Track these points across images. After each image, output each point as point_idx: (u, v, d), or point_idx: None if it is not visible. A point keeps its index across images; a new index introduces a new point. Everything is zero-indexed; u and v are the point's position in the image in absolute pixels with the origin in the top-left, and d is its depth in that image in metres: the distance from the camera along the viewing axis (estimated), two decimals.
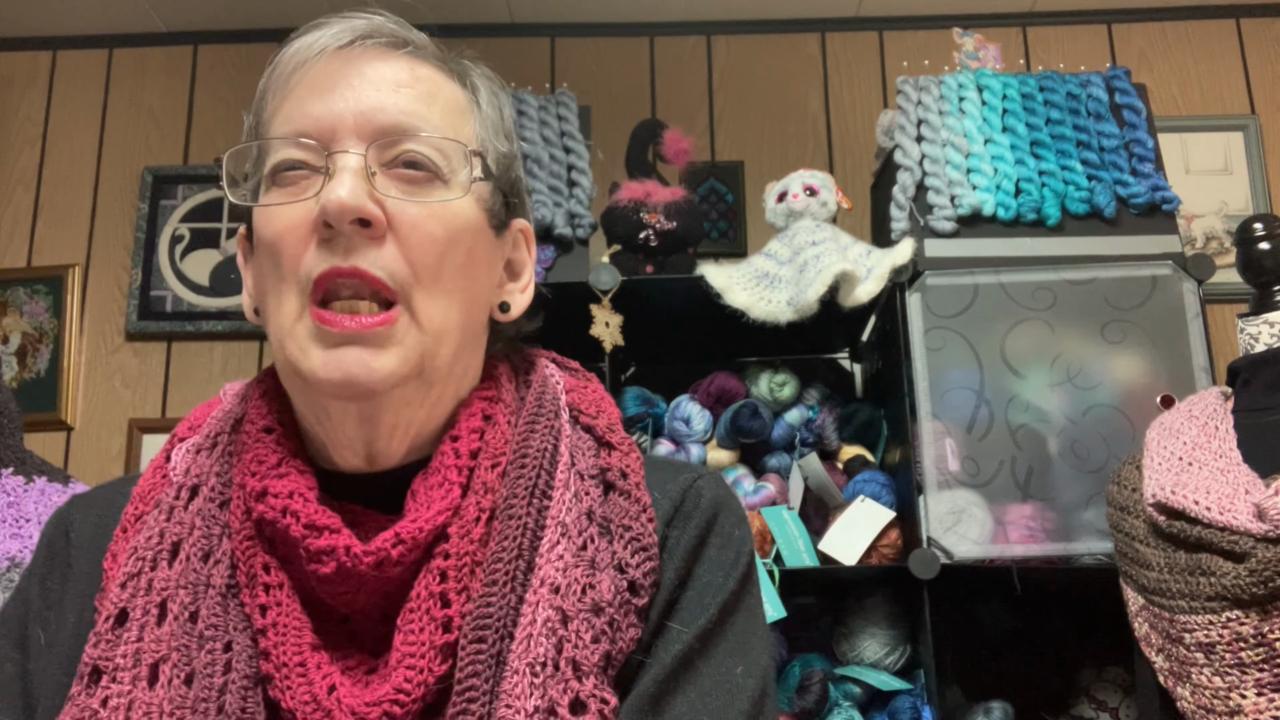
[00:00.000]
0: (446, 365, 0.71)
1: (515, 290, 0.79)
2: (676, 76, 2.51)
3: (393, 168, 0.69)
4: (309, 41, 0.72)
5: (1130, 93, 1.93)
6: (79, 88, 2.53)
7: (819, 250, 1.77)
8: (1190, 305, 1.73)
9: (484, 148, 0.75)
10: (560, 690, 0.62)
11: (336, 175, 0.67)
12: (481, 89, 0.77)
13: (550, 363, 0.83)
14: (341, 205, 0.65)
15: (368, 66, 0.71)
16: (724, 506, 0.75)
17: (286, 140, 0.70)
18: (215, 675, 0.65)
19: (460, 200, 0.71)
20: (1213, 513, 1.09)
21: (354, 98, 0.69)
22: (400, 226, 0.68)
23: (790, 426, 1.91)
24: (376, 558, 0.65)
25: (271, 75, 0.74)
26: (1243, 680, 1.06)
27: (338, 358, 0.66)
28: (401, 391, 0.69)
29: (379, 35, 0.73)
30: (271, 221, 0.69)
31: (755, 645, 0.71)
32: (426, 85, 0.72)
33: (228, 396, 0.80)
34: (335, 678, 0.65)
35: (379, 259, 0.67)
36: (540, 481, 0.70)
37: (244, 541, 0.68)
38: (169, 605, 0.67)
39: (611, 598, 0.66)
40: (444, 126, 0.71)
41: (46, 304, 2.40)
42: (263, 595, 0.67)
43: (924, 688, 1.71)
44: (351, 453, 0.72)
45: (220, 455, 0.74)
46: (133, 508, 0.73)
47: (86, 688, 0.65)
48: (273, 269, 0.69)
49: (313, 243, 0.67)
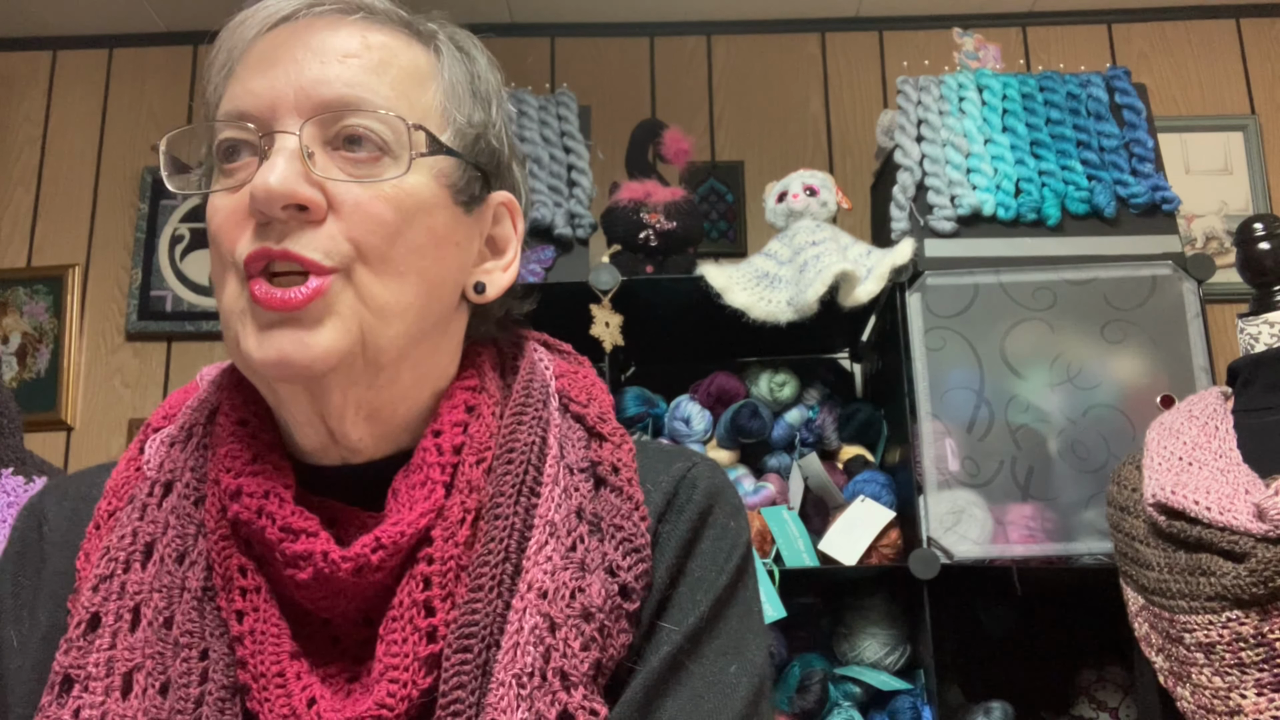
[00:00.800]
0: (397, 347, 0.66)
1: (496, 269, 0.74)
2: (676, 76, 2.51)
3: (335, 146, 0.64)
4: (253, 13, 0.68)
5: (1130, 93, 1.93)
6: (79, 88, 2.53)
7: (819, 250, 1.77)
8: (1190, 305, 1.73)
9: (445, 118, 0.69)
10: (548, 703, 0.60)
11: (270, 158, 0.62)
12: (445, 52, 0.71)
13: (540, 346, 0.79)
14: (268, 191, 0.61)
15: (314, 37, 0.66)
16: (719, 497, 0.71)
17: (228, 122, 0.65)
18: (191, 685, 0.62)
19: (410, 178, 0.65)
20: (1213, 513, 1.09)
21: (296, 72, 0.64)
22: (342, 207, 0.63)
23: (790, 426, 1.91)
24: (356, 564, 0.62)
25: (217, 52, 0.69)
26: (1243, 680, 1.06)
27: (272, 339, 0.62)
28: (346, 370, 0.64)
29: (328, 2, 0.68)
30: (215, 212, 0.65)
31: (750, 642, 0.68)
32: (378, 53, 0.67)
33: (204, 382, 0.77)
34: (315, 689, 0.62)
35: (313, 240, 0.62)
36: (528, 478, 0.67)
37: (220, 541, 0.65)
38: (142, 610, 0.64)
39: (602, 603, 0.64)
40: (394, 98, 0.66)
41: (46, 304, 2.40)
42: (239, 600, 0.64)
43: (924, 688, 1.71)
44: (313, 430, 0.68)
45: (195, 449, 0.71)
46: (106, 503, 0.70)
47: (58, 698, 0.62)
48: (216, 257, 0.66)
49: (250, 227, 0.63)
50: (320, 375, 0.63)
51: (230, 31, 0.69)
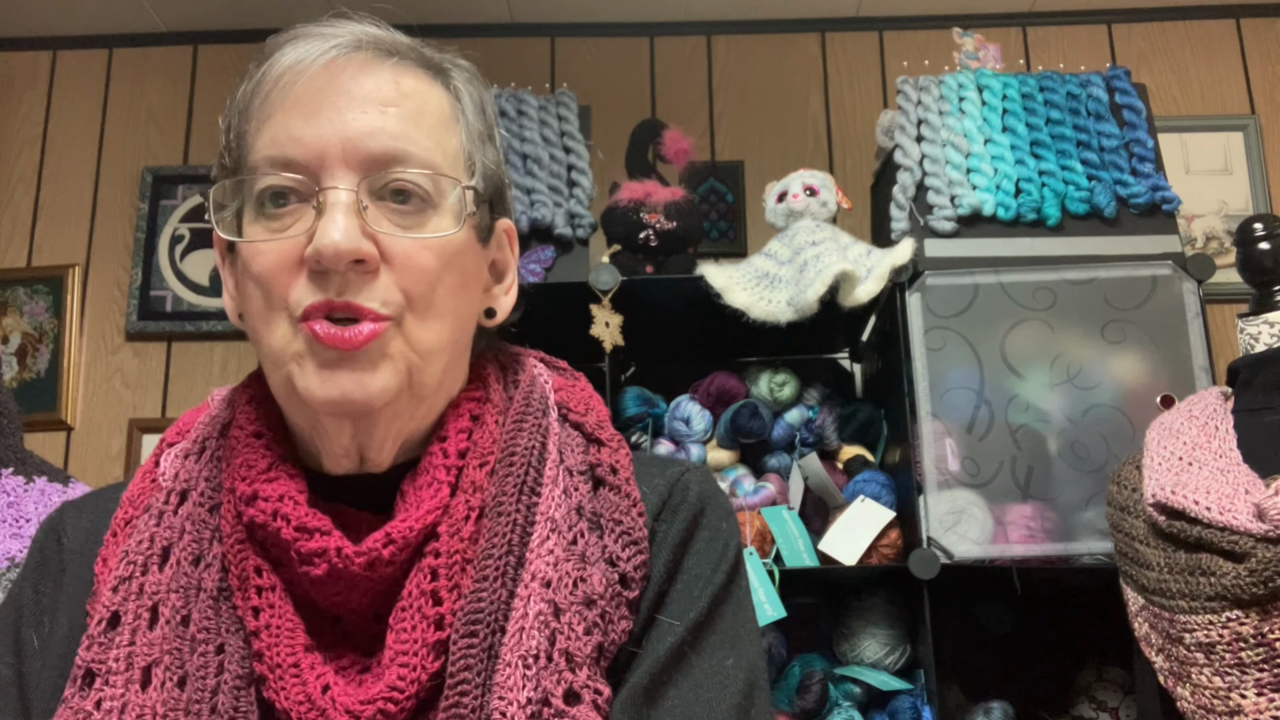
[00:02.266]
0: (436, 381, 0.71)
1: (500, 293, 0.79)
2: (676, 76, 2.51)
3: (382, 198, 0.68)
4: (291, 54, 0.70)
5: (1130, 93, 1.93)
6: (79, 88, 2.53)
7: (819, 250, 1.77)
8: (1190, 305, 1.73)
9: (470, 164, 0.73)
10: (554, 681, 0.63)
11: (328, 213, 0.66)
12: (464, 93, 0.75)
13: (538, 362, 0.83)
14: (338, 250, 0.64)
15: (353, 84, 0.69)
16: (711, 500, 0.75)
17: (275, 172, 0.68)
18: (208, 678, 0.65)
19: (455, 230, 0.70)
20: (1213, 513, 1.09)
21: (340, 121, 0.67)
22: (394, 259, 0.67)
23: (790, 426, 1.92)
24: (368, 558, 0.65)
25: (253, 91, 0.71)
26: (1243, 680, 1.06)
27: (333, 379, 0.66)
28: (394, 406, 0.69)
29: (363, 46, 0.71)
30: (260, 255, 0.68)
31: (745, 637, 0.71)
32: (413, 101, 0.70)
33: (215, 402, 0.81)
34: (329, 677, 0.65)
35: (373, 293, 0.66)
36: (529, 478, 0.70)
37: (235, 545, 0.69)
38: (160, 609, 0.67)
39: (603, 590, 0.67)
40: (431, 147, 0.70)
41: (46, 304, 2.40)
42: (255, 597, 0.67)
43: (924, 688, 1.71)
44: (347, 460, 0.72)
45: (209, 460, 0.74)
46: (122, 512, 0.74)
47: (80, 690, 0.66)
48: (262, 299, 0.68)
49: (302, 275, 0.66)
50: (375, 412, 0.68)
51: (265, 73, 0.70)
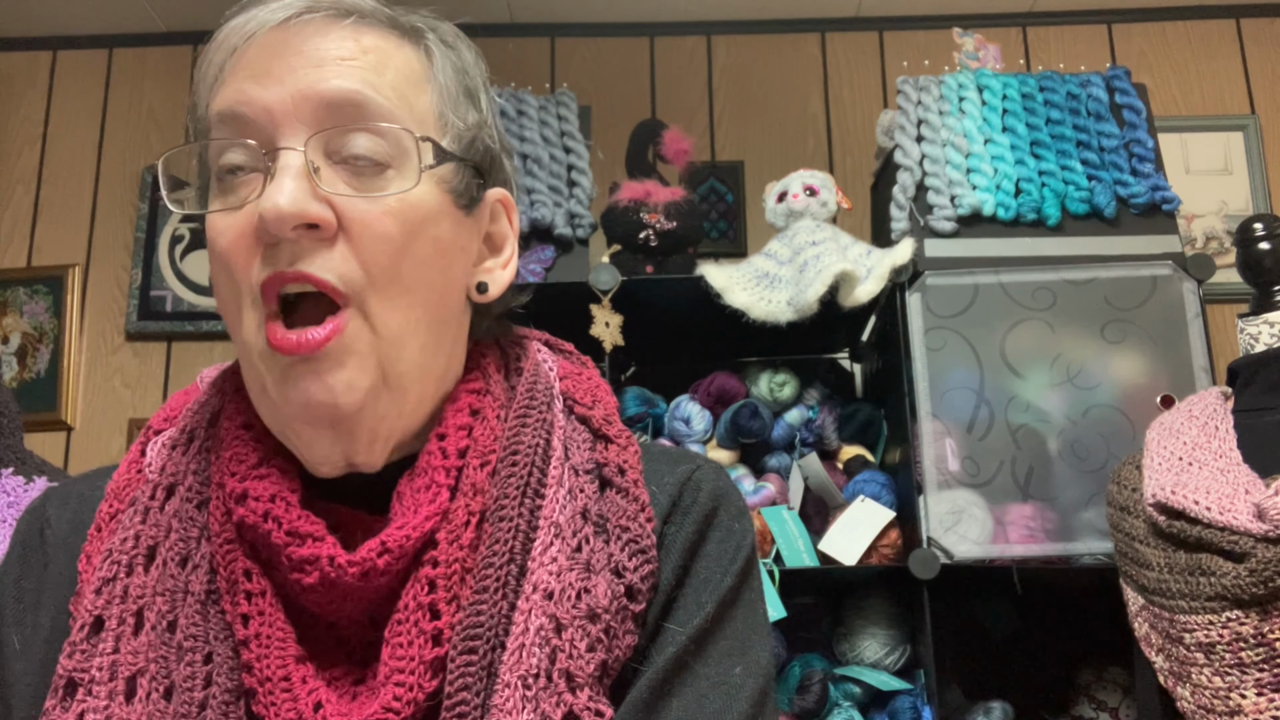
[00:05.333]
0: (415, 367, 0.66)
1: (496, 266, 0.73)
2: (676, 76, 2.51)
3: (339, 159, 0.64)
4: (242, 22, 0.66)
5: (1130, 93, 1.93)
6: (79, 88, 2.53)
7: (819, 250, 1.77)
8: (1190, 305, 1.73)
9: (442, 122, 0.68)
10: (553, 704, 0.60)
11: (276, 177, 0.61)
12: (438, 53, 0.70)
13: (543, 346, 0.78)
14: (279, 212, 0.60)
15: (306, 43, 0.64)
16: (723, 499, 0.71)
17: (225, 138, 0.64)
18: (195, 689, 0.62)
19: (415, 190, 0.65)
20: (1213, 513, 1.09)
21: (292, 79, 0.63)
22: (351, 225, 0.63)
23: (790, 426, 1.91)
24: (362, 569, 0.62)
25: (206, 62, 0.67)
26: (1243, 680, 1.06)
27: (297, 387, 0.62)
28: (372, 407, 0.65)
29: (318, 8, 0.66)
30: (219, 235, 0.64)
31: (755, 643, 0.67)
32: (375, 56, 0.66)
33: (204, 384, 0.76)
34: (321, 693, 0.62)
35: (328, 261, 0.62)
36: (532, 480, 0.67)
37: (224, 545, 0.65)
38: (145, 614, 0.64)
39: (608, 604, 0.63)
40: (395, 100, 0.65)
41: (46, 304, 2.40)
42: (244, 604, 0.63)
43: (924, 688, 1.71)
44: (330, 466, 0.67)
45: (197, 452, 0.70)
46: (107, 505, 0.70)
47: (62, 701, 0.62)
48: (227, 282, 0.65)
49: (259, 251, 0.62)
50: (350, 416, 0.64)
51: (217, 45, 0.67)
